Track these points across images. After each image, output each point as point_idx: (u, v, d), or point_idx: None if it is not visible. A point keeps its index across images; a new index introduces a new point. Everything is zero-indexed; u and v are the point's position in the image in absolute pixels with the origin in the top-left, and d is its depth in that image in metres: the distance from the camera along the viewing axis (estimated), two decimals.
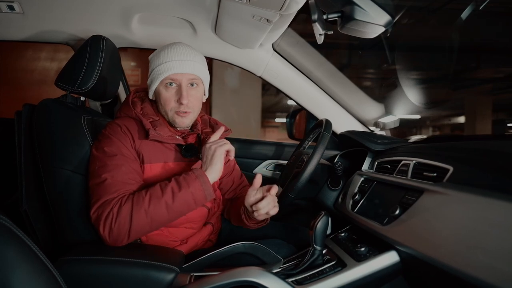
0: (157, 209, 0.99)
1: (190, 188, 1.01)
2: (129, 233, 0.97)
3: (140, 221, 0.97)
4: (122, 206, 0.97)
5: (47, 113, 1.16)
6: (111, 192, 1.00)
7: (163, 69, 1.12)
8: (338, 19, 1.11)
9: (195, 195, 1.02)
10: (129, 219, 0.96)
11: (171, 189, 1.01)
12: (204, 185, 1.03)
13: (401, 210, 0.96)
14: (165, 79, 1.13)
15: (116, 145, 1.07)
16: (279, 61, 1.66)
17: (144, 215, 0.97)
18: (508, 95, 8.25)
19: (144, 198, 0.99)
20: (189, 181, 1.02)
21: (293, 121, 1.99)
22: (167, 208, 1.00)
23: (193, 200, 1.02)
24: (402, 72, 2.56)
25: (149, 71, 1.18)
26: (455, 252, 0.74)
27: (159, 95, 1.16)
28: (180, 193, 1.00)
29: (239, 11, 1.23)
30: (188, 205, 1.03)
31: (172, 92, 1.14)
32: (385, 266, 0.96)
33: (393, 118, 1.78)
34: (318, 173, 1.48)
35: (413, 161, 1.09)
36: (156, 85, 1.15)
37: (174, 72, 1.12)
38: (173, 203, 1.00)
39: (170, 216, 1.01)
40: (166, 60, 1.12)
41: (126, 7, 1.40)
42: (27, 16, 1.41)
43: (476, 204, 0.75)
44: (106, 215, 0.96)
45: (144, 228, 0.99)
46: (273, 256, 1.16)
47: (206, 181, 1.04)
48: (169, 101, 1.14)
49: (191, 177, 1.03)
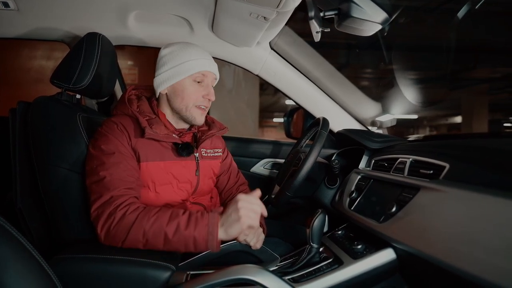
0: (155, 235, 0.94)
1: (195, 232, 0.94)
2: (123, 243, 0.95)
3: (135, 238, 0.94)
4: (126, 215, 0.95)
5: (42, 110, 1.14)
6: (111, 189, 0.98)
7: (197, 64, 1.14)
8: (335, 16, 1.11)
9: (196, 241, 0.94)
10: (127, 232, 0.94)
11: (177, 223, 0.94)
12: (210, 236, 0.94)
13: (397, 208, 0.96)
14: (196, 74, 1.14)
15: (113, 143, 1.06)
16: (276, 59, 1.65)
17: (141, 235, 0.94)
18: (504, 96, 8.29)
19: (150, 219, 0.94)
20: (198, 224, 0.95)
21: (290, 120, 1.98)
22: (164, 240, 0.94)
23: (193, 244, 0.95)
24: (399, 72, 2.56)
25: (169, 64, 1.15)
26: (451, 249, 0.74)
27: (183, 89, 1.15)
28: (184, 232, 0.94)
29: (236, 9, 1.23)
30: (186, 246, 0.95)
31: (199, 88, 1.16)
32: (382, 263, 0.96)
33: (390, 117, 1.78)
34: (315, 171, 1.48)
35: (410, 158, 1.09)
36: (180, 78, 1.14)
37: (207, 70, 1.16)
38: (172, 238, 0.94)
39: (164, 247, 0.96)
40: (198, 57, 1.15)
41: (122, 5, 1.40)
42: (22, 13, 1.40)
43: (472, 201, 0.75)
44: (108, 215, 0.95)
45: (137, 245, 0.96)
46: (270, 254, 1.16)
47: (214, 234, 0.94)
48: (195, 95, 1.15)
49: (203, 222, 0.95)
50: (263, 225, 1.20)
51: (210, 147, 1.30)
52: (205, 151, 1.27)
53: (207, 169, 1.26)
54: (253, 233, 1.10)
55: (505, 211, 0.67)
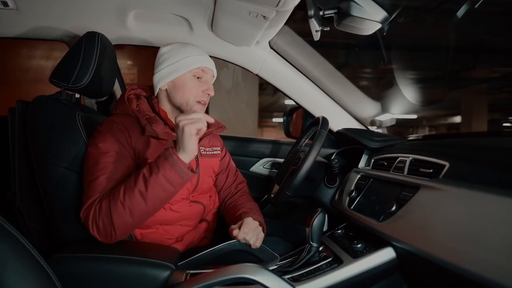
0: (132, 199, 0.95)
1: (160, 172, 0.95)
2: (114, 229, 0.95)
3: (119, 214, 0.95)
4: (102, 203, 0.96)
5: (41, 109, 1.14)
6: (99, 191, 0.99)
7: (196, 59, 1.17)
8: (335, 15, 1.10)
9: (168, 177, 0.96)
10: (109, 215, 0.95)
11: (143, 176, 0.96)
12: (175, 166, 0.96)
13: (397, 206, 0.96)
14: (196, 69, 1.17)
15: (110, 142, 1.06)
16: (276, 59, 1.65)
17: (121, 208, 0.94)
18: (503, 95, 8.30)
19: (119, 190, 0.96)
20: (159, 165, 0.97)
21: (290, 119, 1.98)
22: (142, 197, 0.95)
23: (168, 183, 0.96)
24: (398, 71, 2.56)
25: (169, 61, 1.17)
26: (451, 247, 0.74)
27: (184, 83, 1.17)
28: (151, 178, 0.95)
29: (236, 8, 1.23)
30: (164, 190, 0.97)
31: (199, 83, 1.18)
32: (382, 262, 0.95)
33: (390, 116, 1.78)
34: (314, 170, 1.48)
35: (410, 157, 1.09)
36: (180, 74, 1.16)
37: (206, 66, 1.20)
38: (146, 191, 0.95)
39: (148, 204, 0.96)
40: (197, 53, 1.19)
41: (122, 4, 1.39)
42: (21, 12, 1.39)
43: (472, 199, 0.75)
44: (92, 214, 0.96)
45: (126, 221, 0.96)
46: (269, 253, 1.16)
47: (177, 161, 0.96)
48: (196, 89, 1.17)
49: (161, 160, 0.97)
50: (262, 224, 1.20)
51: (208, 145, 1.30)
52: (204, 149, 1.27)
53: (206, 167, 1.26)
54: (252, 232, 1.10)
55: (505, 209, 0.67)
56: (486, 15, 3.76)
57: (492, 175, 0.79)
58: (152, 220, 1.11)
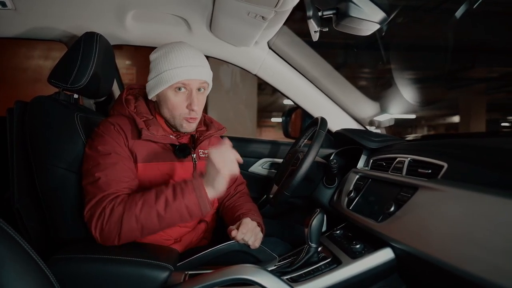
0: (148, 217, 0.95)
1: (184, 200, 0.96)
2: (119, 237, 0.95)
3: (130, 226, 0.95)
4: (114, 208, 0.96)
5: (39, 110, 1.14)
6: (104, 190, 0.99)
7: (174, 74, 1.09)
8: (333, 16, 1.11)
9: (189, 207, 0.96)
10: (120, 223, 0.94)
11: (165, 198, 0.96)
12: (200, 199, 0.96)
13: (396, 207, 0.96)
14: (175, 84, 1.10)
15: (109, 144, 1.06)
16: (274, 59, 1.65)
17: (134, 221, 0.94)
18: (502, 95, 8.32)
19: (137, 203, 0.96)
20: (184, 192, 0.97)
21: (288, 119, 1.98)
22: (158, 218, 0.95)
23: (187, 212, 0.97)
24: (396, 71, 2.56)
25: (154, 72, 1.13)
26: (450, 248, 0.74)
27: (166, 99, 1.12)
28: (174, 203, 0.95)
29: (234, 8, 1.23)
30: (181, 217, 0.98)
31: (181, 98, 1.12)
32: (380, 263, 0.96)
33: (388, 116, 1.78)
34: (313, 171, 1.48)
35: (408, 158, 1.09)
36: (162, 89, 1.11)
37: (186, 78, 1.10)
38: (165, 214, 0.95)
39: (161, 226, 0.97)
40: (177, 65, 1.09)
41: (120, 4, 1.39)
42: (19, 12, 1.39)
43: (471, 200, 0.75)
44: (98, 214, 0.95)
45: (134, 234, 0.96)
46: (268, 254, 1.16)
47: (203, 194, 0.97)
48: (179, 106, 1.12)
49: (188, 188, 0.97)
50: (261, 225, 1.20)
51: (208, 148, 1.29)
52: (203, 152, 1.26)
53: (204, 170, 1.25)
54: (251, 232, 1.10)
55: (504, 210, 0.67)
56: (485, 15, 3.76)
57: (490, 176, 0.79)
58: None
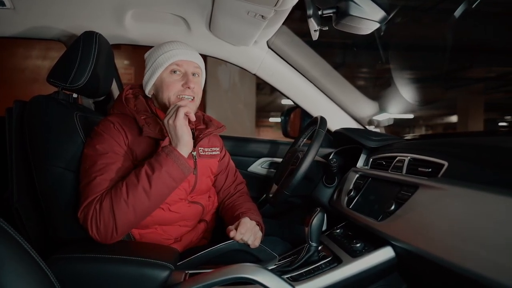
0: (136, 197, 0.96)
1: (163, 168, 0.99)
2: (116, 227, 0.96)
3: (122, 213, 0.95)
4: (102, 203, 0.96)
5: (38, 109, 1.14)
6: (97, 191, 0.99)
7: (168, 56, 1.14)
8: (333, 15, 1.10)
9: (171, 173, 0.99)
10: (112, 214, 0.95)
11: (145, 173, 0.98)
12: (177, 161, 1.00)
13: (396, 206, 0.96)
14: (170, 66, 1.14)
15: (108, 143, 1.05)
16: (274, 58, 1.65)
17: (125, 205, 0.96)
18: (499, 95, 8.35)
19: (122, 188, 0.97)
20: (161, 161, 1.00)
21: (287, 119, 1.98)
22: (146, 194, 0.97)
23: (171, 179, 1.00)
24: (396, 71, 2.57)
25: (148, 64, 1.18)
26: (450, 246, 0.74)
27: (162, 82, 1.15)
28: (155, 175, 0.98)
29: (234, 7, 1.22)
30: (167, 186, 1.00)
31: (177, 78, 1.15)
32: (381, 261, 0.96)
33: (388, 116, 1.78)
34: (313, 170, 1.48)
35: (408, 157, 1.09)
36: (158, 74, 1.15)
37: (180, 59, 1.14)
38: (150, 188, 0.98)
39: (151, 201, 0.99)
40: (170, 49, 1.15)
41: (119, 3, 1.39)
42: (18, 11, 1.38)
43: (471, 198, 0.75)
44: (91, 214, 0.96)
45: (129, 219, 0.97)
46: (268, 253, 1.16)
47: (178, 156, 1.01)
48: (174, 85, 1.14)
49: (162, 157, 1.00)
50: (260, 224, 1.20)
51: (207, 146, 1.29)
52: (203, 150, 1.26)
53: (205, 168, 1.25)
54: (250, 232, 1.10)
55: (504, 208, 0.67)
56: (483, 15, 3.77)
57: (490, 174, 0.79)
58: (150, 221, 1.10)
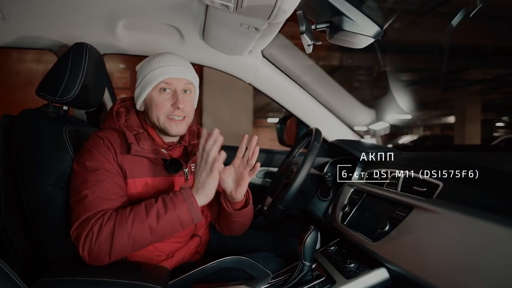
0: (140, 231, 0.94)
1: (176, 211, 0.96)
2: (110, 254, 0.93)
3: (121, 242, 0.93)
4: (103, 226, 0.93)
5: (27, 124, 1.11)
6: (91, 209, 0.96)
7: (157, 73, 1.09)
8: (327, 29, 1.09)
9: (181, 218, 0.97)
10: (110, 240, 0.92)
11: (157, 211, 0.96)
12: (191, 208, 0.97)
13: (390, 226, 0.94)
14: (159, 84, 1.09)
15: (97, 159, 1.03)
16: (269, 68, 1.63)
17: (126, 237, 0.93)
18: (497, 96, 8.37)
19: (128, 218, 0.94)
20: (175, 203, 0.97)
21: (283, 126, 1.96)
22: (150, 231, 0.95)
23: (179, 223, 0.97)
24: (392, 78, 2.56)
25: (139, 80, 1.14)
26: (444, 274, 0.72)
27: (151, 101, 1.11)
28: (166, 215, 0.95)
29: (227, 19, 1.20)
30: (173, 228, 0.98)
31: (166, 97, 1.10)
32: (375, 283, 0.94)
33: (384, 125, 1.77)
34: (308, 183, 1.46)
35: (403, 174, 1.08)
36: (148, 92, 1.11)
37: (170, 77, 1.09)
38: (157, 226, 0.95)
39: (153, 239, 0.97)
40: (160, 65, 1.10)
41: (111, 13, 1.36)
42: (7, 21, 1.36)
43: (466, 224, 0.74)
44: (86, 234, 0.92)
45: (125, 250, 0.95)
46: (261, 270, 1.14)
47: (194, 204, 0.98)
48: (163, 105, 1.10)
49: (178, 199, 0.98)
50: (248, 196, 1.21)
51: None
52: (194, 167, 1.23)
53: None
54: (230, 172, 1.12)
55: (498, 238, 0.65)
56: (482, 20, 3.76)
57: (487, 198, 0.78)
58: None
